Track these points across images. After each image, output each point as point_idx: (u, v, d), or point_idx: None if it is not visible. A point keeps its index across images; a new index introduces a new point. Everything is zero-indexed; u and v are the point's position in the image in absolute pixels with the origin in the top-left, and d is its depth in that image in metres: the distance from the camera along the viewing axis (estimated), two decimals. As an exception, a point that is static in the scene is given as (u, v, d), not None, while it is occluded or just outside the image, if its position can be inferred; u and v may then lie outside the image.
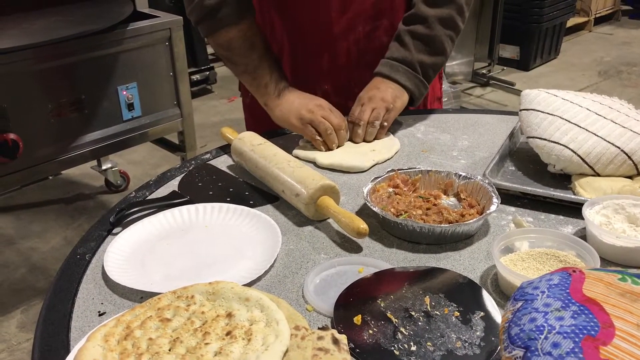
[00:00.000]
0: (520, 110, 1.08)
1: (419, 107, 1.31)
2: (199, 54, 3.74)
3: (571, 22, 4.81)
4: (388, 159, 1.12)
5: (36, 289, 2.19)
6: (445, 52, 1.21)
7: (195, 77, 3.76)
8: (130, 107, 1.89)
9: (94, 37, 1.75)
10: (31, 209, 2.67)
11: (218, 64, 4.37)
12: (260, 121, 1.39)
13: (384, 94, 1.16)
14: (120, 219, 0.93)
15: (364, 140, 1.16)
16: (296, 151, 1.13)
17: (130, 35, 1.83)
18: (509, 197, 0.95)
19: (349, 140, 1.17)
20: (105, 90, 1.83)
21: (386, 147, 1.15)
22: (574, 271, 0.60)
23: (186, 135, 2.08)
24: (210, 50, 4.16)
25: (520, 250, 0.80)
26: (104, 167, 2.62)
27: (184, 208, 0.95)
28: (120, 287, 0.78)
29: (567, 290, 0.56)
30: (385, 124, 1.16)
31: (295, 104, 1.15)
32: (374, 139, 1.16)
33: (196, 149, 2.14)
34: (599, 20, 5.43)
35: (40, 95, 1.70)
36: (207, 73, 3.82)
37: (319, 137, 1.13)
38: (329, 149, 1.13)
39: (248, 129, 1.46)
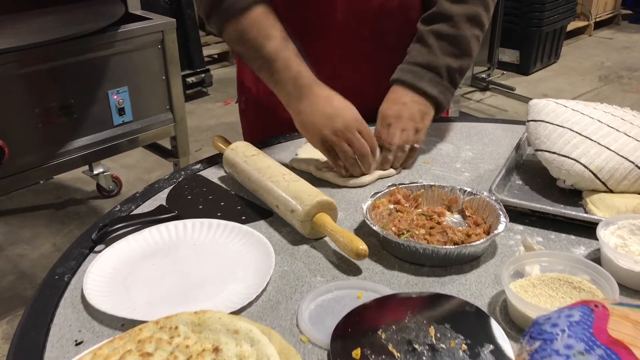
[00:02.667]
0: (528, 121, 1.03)
1: None
2: (194, 55, 3.68)
3: (571, 26, 4.77)
4: (390, 176, 1.05)
5: (24, 298, 2.13)
6: (472, 54, 1.08)
7: (191, 79, 3.70)
8: (121, 111, 1.82)
9: (83, 39, 1.69)
10: (21, 214, 2.61)
11: (214, 66, 4.32)
12: (257, 128, 1.33)
13: (411, 111, 1.04)
14: (103, 235, 0.87)
15: (392, 166, 1.04)
16: (292, 161, 1.08)
17: (121, 38, 1.77)
18: (517, 214, 0.89)
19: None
20: (95, 95, 1.77)
21: None
22: (596, 306, 0.54)
23: (179, 140, 2.02)
24: (206, 52, 4.10)
25: (531, 275, 0.74)
26: (95, 172, 2.56)
27: (172, 224, 0.89)
28: (100, 313, 0.72)
29: (590, 330, 0.50)
30: (416, 145, 1.05)
31: (319, 117, 0.98)
32: (405, 166, 1.06)
33: (189, 154, 2.08)
34: (599, 25, 5.39)
35: (27, 99, 1.64)
36: (203, 75, 3.76)
37: (340, 163, 1.00)
38: (351, 175, 1.01)
39: (245, 137, 1.40)
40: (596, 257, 0.81)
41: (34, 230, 2.49)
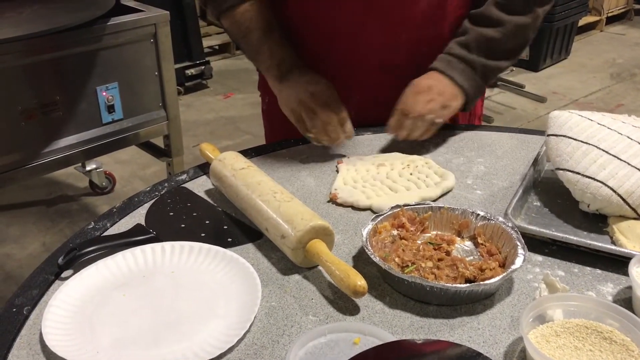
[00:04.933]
0: (548, 135, 0.93)
1: (455, 123, 1.19)
2: (194, 47, 3.57)
3: (582, 21, 4.62)
4: (437, 198, 0.92)
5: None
6: (510, 60, 1.09)
7: (190, 71, 3.58)
8: (111, 109, 1.72)
9: (70, 32, 1.59)
10: (9, 210, 2.51)
11: (215, 57, 4.21)
12: (280, 129, 1.24)
13: (442, 88, 1.03)
14: (71, 260, 0.77)
15: (409, 136, 1.02)
16: (337, 190, 0.93)
17: (111, 31, 1.67)
18: (536, 242, 0.80)
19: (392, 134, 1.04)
20: (82, 91, 1.66)
21: (435, 181, 0.95)
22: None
23: (172, 139, 1.92)
24: (206, 43, 3.99)
25: (554, 321, 0.65)
26: (88, 168, 2.46)
27: (148, 247, 0.79)
28: (58, 357, 0.63)
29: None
30: (438, 121, 1.02)
31: (291, 92, 1.04)
32: (420, 138, 1.03)
33: (183, 154, 1.98)
34: (611, 20, 5.25)
35: (9, 96, 1.54)
36: (203, 67, 3.64)
37: (310, 134, 1.03)
38: (319, 142, 1.04)
39: (266, 136, 1.32)
40: (626, 297, 0.72)
41: (22, 228, 2.40)
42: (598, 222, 0.85)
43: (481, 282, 0.69)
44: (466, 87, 1.04)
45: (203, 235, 0.84)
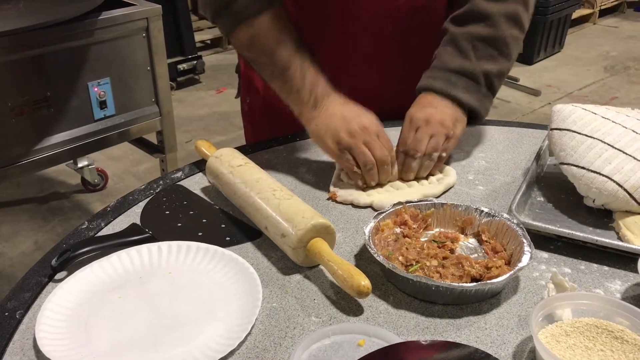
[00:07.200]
0: (551, 129, 0.91)
1: None
2: (186, 41, 3.53)
3: (575, 14, 4.62)
4: (439, 195, 0.90)
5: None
6: (512, 56, 0.98)
7: (182, 66, 3.55)
8: (103, 105, 1.70)
9: (61, 26, 1.55)
10: (1, 208, 2.48)
11: (207, 52, 4.17)
12: (263, 131, 1.21)
13: (442, 116, 0.93)
14: (65, 261, 0.75)
15: (416, 176, 0.93)
16: (336, 188, 0.91)
17: (103, 25, 1.64)
18: (541, 239, 0.78)
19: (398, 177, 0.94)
20: (74, 87, 1.63)
21: (437, 177, 0.94)
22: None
23: (165, 135, 1.89)
24: (198, 37, 3.95)
25: (562, 320, 0.63)
26: (79, 165, 2.43)
27: (144, 247, 0.77)
28: (53, 362, 0.61)
29: None
30: (444, 154, 0.93)
31: (335, 120, 0.91)
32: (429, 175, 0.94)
33: (176, 150, 1.96)
34: (604, 12, 5.25)
35: (-1, 91, 1.52)
36: (195, 62, 3.61)
37: (357, 169, 0.89)
38: (365, 184, 0.91)
39: (247, 139, 1.29)
40: (635, 294, 0.70)
41: (14, 226, 2.36)
42: (603, 217, 0.84)
43: (488, 281, 0.67)
44: (472, 102, 0.94)
45: (200, 234, 0.82)
